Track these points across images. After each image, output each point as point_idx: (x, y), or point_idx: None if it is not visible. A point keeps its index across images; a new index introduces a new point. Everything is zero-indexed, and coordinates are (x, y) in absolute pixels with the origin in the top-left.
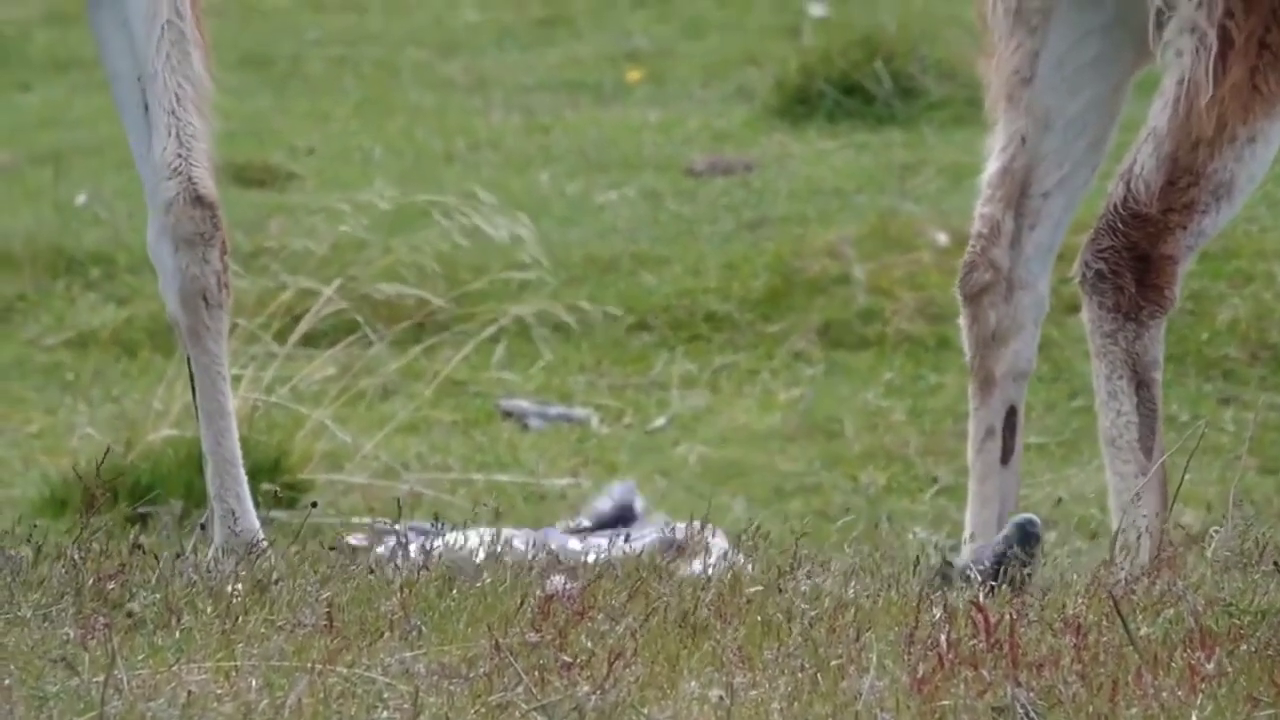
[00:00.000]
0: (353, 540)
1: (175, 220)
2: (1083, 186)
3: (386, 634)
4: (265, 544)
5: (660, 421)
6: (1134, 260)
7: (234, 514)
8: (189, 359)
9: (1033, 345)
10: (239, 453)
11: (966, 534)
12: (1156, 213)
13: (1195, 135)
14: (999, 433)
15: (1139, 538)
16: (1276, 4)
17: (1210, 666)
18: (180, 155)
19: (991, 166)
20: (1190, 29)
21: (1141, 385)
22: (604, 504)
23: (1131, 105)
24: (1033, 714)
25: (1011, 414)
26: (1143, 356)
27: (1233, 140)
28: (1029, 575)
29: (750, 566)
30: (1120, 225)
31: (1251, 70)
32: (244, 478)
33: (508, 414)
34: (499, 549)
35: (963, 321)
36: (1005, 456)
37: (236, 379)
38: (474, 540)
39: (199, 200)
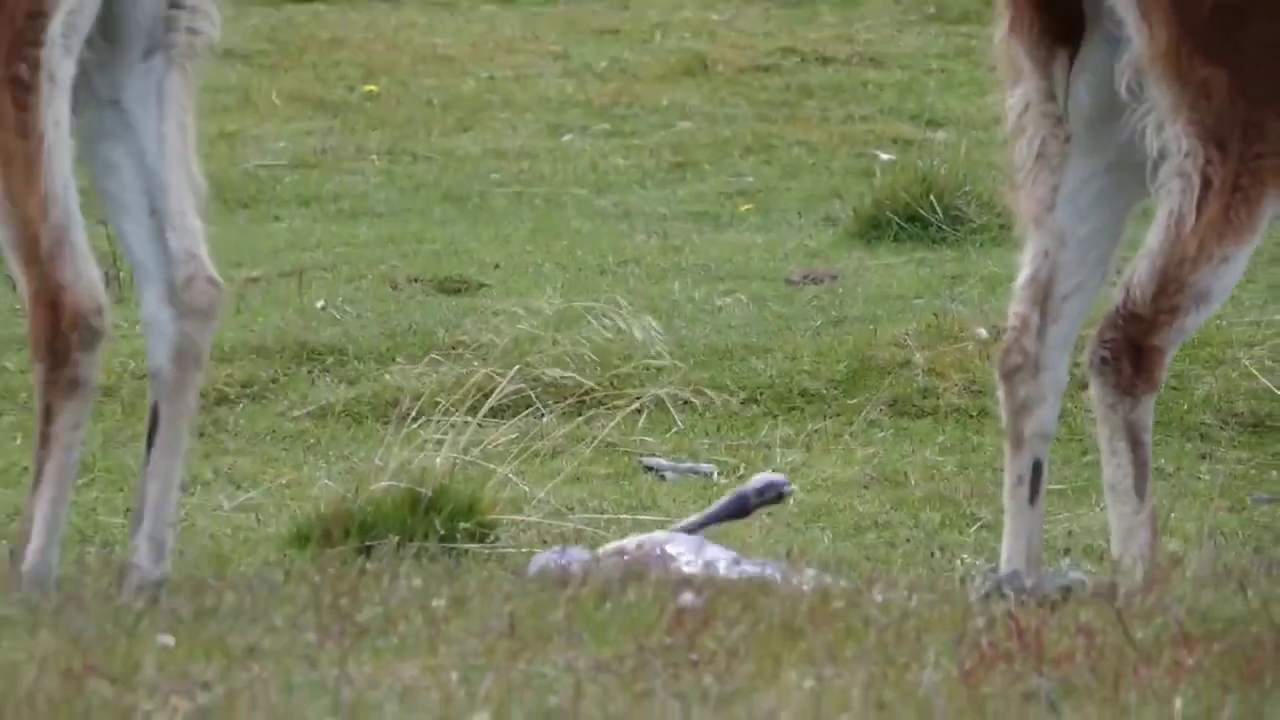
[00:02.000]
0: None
1: (192, 295)
2: (1093, 291)
3: (555, 638)
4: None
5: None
6: (1131, 350)
7: (171, 530)
8: (155, 407)
9: (1054, 413)
10: None
11: (1004, 558)
12: (1149, 314)
13: (1181, 255)
14: (1027, 480)
15: (1134, 562)
16: (1247, 155)
17: (1191, 662)
18: (191, 246)
19: (1022, 275)
20: (1180, 173)
21: (1136, 445)
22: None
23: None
24: (1053, 699)
25: (1037, 466)
26: (1137, 423)
27: (1210, 259)
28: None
29: (841, 583)
30: (1120, 322)
31: (1226, 206)
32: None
33: (648, 468)
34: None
35: (1000, 394)
36: (1032, 498)
37: (438, 443)
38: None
39: (210, 279)
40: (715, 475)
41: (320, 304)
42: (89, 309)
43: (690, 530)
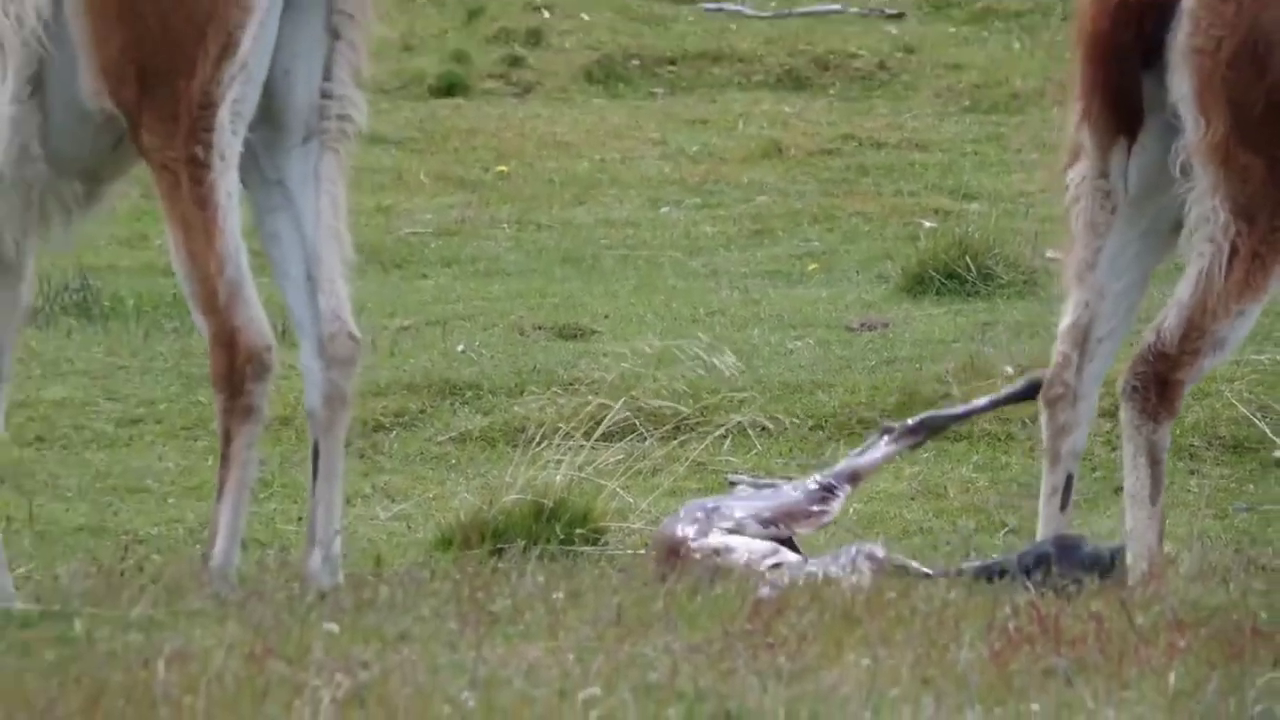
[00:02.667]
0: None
1: (336, 348)
2: (1123, 336)
3: (655, 625)
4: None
5: None
6: (1157, 382)
7: (337, 535)
8: (315, 443)
9: (1085, 435)
10: None
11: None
12: (1175, 354)
13: (1206, 307)
14: (1060, 490)
15: (1142, 559)
16: (1266, 228)
17: (1183, 644)
18: (337, 307)
19: (1065, 321)
20: (1212, 240)
21: (1154, 462)
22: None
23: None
24: (1069, 675)
25: (1069, 479)
26: (1158, 444)
27: (1229, 313)
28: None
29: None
30: (1150, 359)
31: (1247, 271)
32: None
33: (732, 484)
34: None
35: (1042, 419)
36: (1063, 506)
37: (558, 463)
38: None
39: (350, 335)
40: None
41: (460, 348)
42: (259, 347)
43: (977, 411)
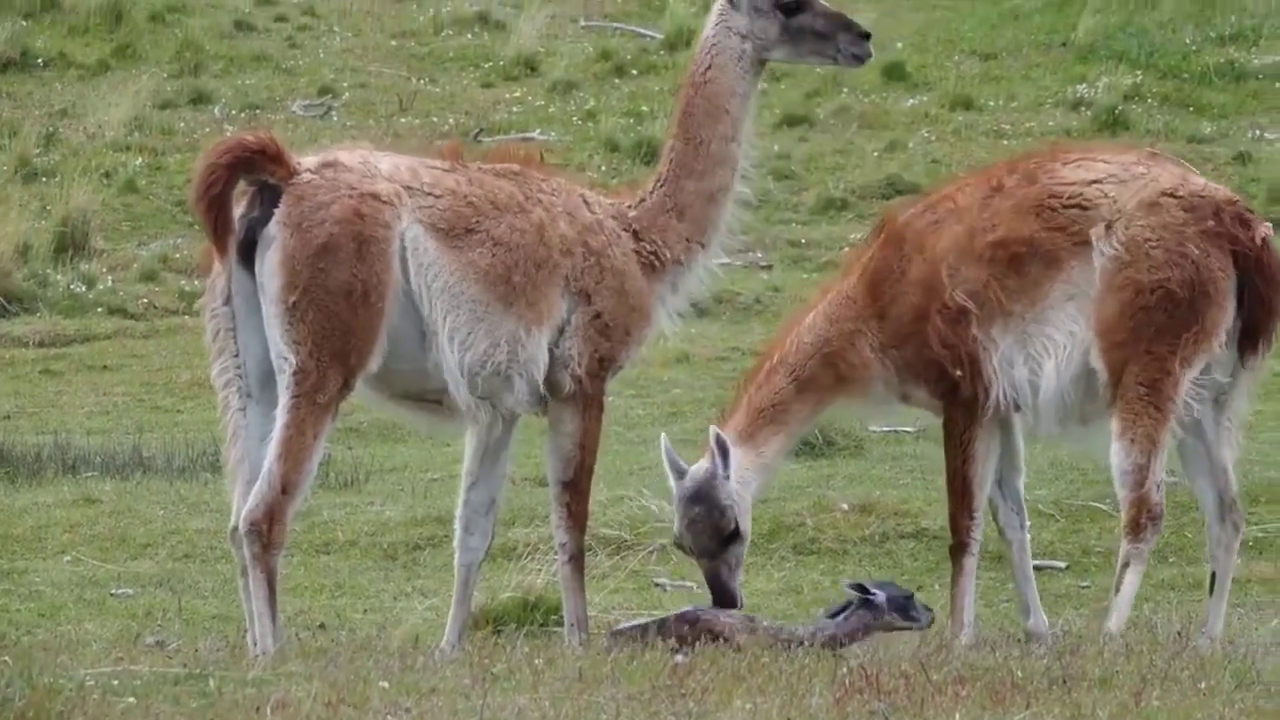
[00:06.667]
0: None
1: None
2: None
3: (605, 681)
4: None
5: None
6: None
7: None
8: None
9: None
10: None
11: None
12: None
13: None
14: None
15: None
16: None
17: (965, 693)
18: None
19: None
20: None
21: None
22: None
23: None
24: (886, 714)
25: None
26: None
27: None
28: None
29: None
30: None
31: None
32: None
33: (657, 584)
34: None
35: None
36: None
37: (540, 571)
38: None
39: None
40: (695, 588)
41: None
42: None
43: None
